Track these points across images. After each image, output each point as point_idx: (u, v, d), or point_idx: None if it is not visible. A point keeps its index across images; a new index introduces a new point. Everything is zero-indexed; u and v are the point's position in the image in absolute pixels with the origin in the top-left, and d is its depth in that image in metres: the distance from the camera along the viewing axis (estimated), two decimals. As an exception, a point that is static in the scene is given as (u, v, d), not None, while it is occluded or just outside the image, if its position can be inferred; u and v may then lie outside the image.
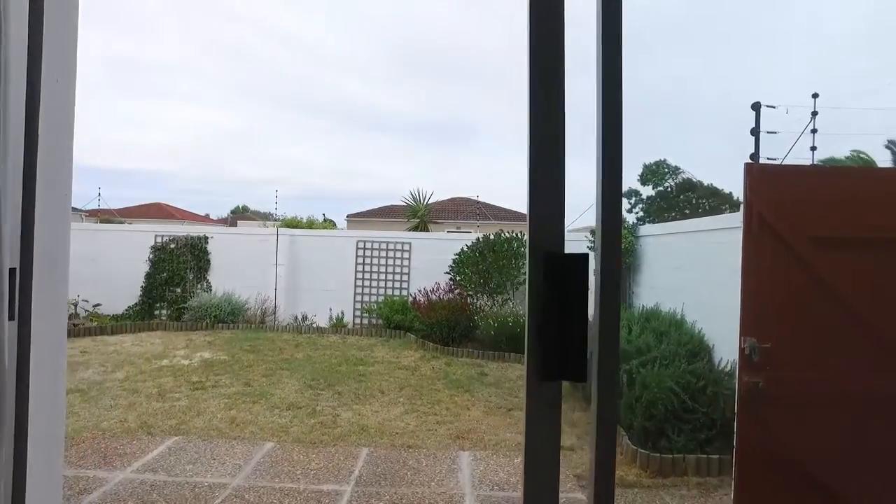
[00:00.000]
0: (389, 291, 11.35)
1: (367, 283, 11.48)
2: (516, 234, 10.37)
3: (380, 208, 31.86)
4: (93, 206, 25.98)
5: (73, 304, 10.81)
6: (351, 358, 8.39)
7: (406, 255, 11.45)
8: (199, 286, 11.29)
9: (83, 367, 7.30)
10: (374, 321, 11.09)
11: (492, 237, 10.35)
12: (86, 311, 10.98)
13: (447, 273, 10.68)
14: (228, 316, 10.49)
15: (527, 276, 0.97)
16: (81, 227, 12.23)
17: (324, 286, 11.48)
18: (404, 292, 11.31)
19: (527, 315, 0.97)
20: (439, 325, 9.26)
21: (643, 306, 6.82)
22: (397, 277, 11.42)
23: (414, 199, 16.80)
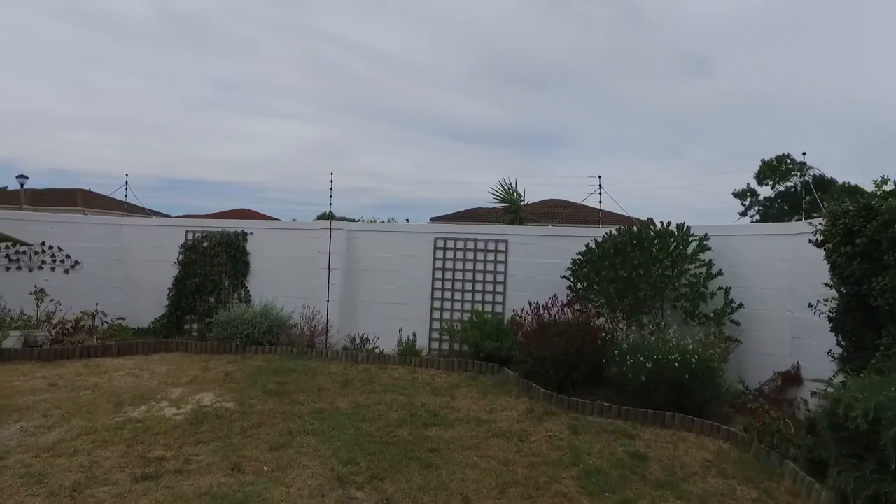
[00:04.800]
0: (478, 306, 8.25)
1: (448, 294, 8.46)
2: (674, 226, 6.79)
3: (466, 210, 28.89)
4: (179, 210, 25.35)
5: (89, 315, 8.73)
6: (420, 411, 5.38)
7: (501, 256, 8.31)
8: (235, 294, 8.85)
9: (17, 416, 4.84)
10: (456, 347, 8.04)
11: (635, 229, 6.86)
12: (105, 323, 8.88)
13: (564, 277, 7.37)
14: (265, 335, 7.88)
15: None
16: (104, 222, 10.18)
17: (391, 298, 8.61)
18: (498, 308, 8.18)
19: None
20: (554, 360, 6.03)
21: None
22: (489, 288, 8.30)
23: (506, 190, 13.14)
